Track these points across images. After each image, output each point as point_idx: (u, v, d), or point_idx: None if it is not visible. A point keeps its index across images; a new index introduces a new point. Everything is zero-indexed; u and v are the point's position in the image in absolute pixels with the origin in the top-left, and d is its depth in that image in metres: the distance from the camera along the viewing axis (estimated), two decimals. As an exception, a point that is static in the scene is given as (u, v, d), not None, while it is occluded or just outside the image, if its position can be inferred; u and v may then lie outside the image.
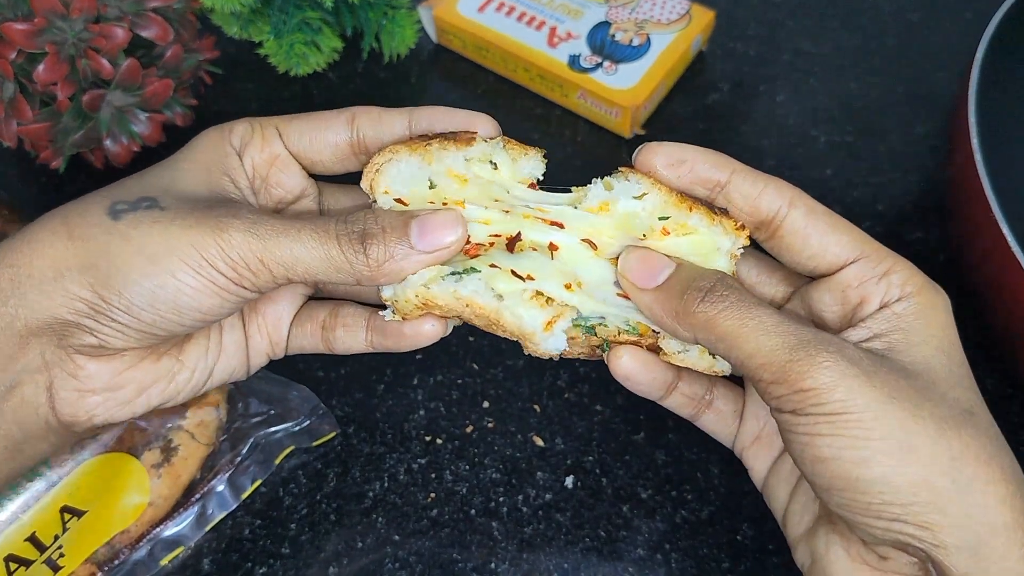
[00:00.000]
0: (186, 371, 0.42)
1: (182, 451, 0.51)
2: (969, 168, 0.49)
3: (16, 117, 0.56)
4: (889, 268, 0.39)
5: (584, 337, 0.41)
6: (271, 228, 0.38)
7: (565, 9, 0.73)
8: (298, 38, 0.70)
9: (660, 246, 0.40)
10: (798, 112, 0.72)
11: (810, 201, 0.40)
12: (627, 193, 0.40)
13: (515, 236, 0.41)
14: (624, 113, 0.68)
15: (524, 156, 0.42)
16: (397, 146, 0.40)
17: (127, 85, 0.57)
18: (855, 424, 0.33)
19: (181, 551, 0.52)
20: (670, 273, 0.39)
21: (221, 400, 0.53)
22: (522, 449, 0.56)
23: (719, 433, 0.46)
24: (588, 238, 0.41)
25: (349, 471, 0.55)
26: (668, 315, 0.38)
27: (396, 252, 0.38)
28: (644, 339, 0.41)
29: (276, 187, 0.43)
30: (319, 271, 0.38)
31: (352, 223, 0.39)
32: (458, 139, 0.40)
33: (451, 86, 0.75)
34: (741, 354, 0.36)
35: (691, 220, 0.40)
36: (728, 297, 0.37)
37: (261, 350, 0.45)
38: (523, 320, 0.39)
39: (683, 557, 0.52)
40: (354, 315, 0.45)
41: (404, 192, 0.41)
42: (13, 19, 0.53)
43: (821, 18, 0.78)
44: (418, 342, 0.42)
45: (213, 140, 0.42)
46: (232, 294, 0.38)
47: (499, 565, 0.52)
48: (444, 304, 0.40)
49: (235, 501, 0.53)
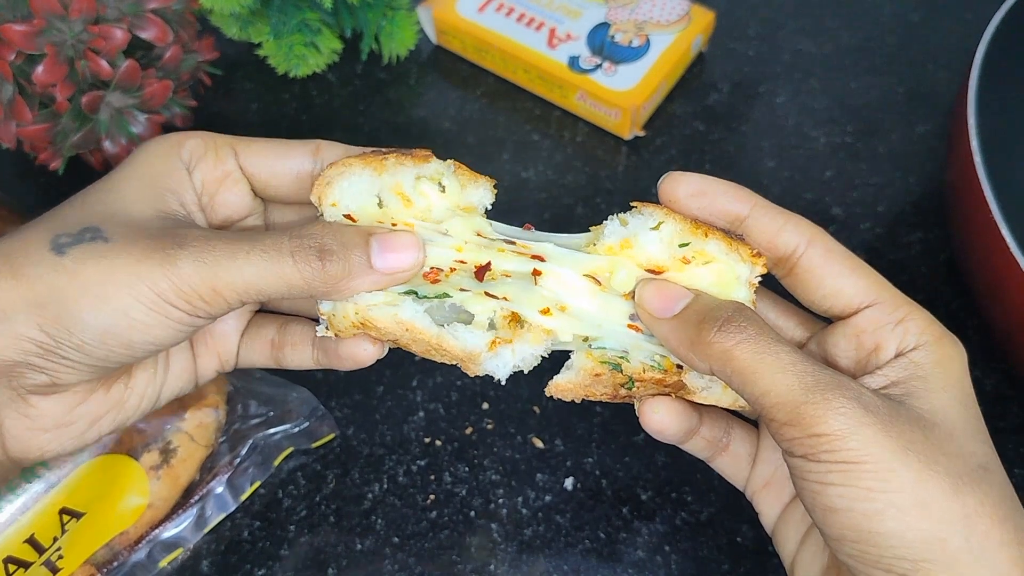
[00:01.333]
0: (135, 397, 0.41)
1: (181, 453, 0.51)
2: (968, 169, 0.49)
3: (15, 118, 0.56)
4: (905, 315, 0.38)
5: (609, 374, 0.40)
6: (219, 253, 0.36)
7: (565, 10, 0.73)
8: (297, 39, 0.70)
9: (679, 278, 0.40)
10: (798, 112, 0.72)
11: (829, 241, 0.40)
12: (643, 226, 0.40)
13: (485, 265, 0.40)
14: (624, 114, 0.68)
15: (473, 183, 0.41)
16: (350, 159, 0.40)
17: (126, 86, 0.57)
18: (869, 475, 0.32)
19: (180, 553, 0.52)
20: (687, 303, 0.38)
21: (220, 402, 0.53)
22: (521, 451, 0.56)
23: (732, 475, 0.45)
24: (591, 274, 0.40)
25: (348, 473, 0.55)
26: (683, 345, 0.37)
27: (355, 269, 0.38)
28: (668, 375, 0.40)
29: (223, 206, 0.42)
30: (272, 291, 0.37)
31: (307, 237, 0.38)
32: (414, 155, 0.40)
33: (450, 87, 0.75)
34: (755, 390, 0.35)
35: (708, 246, 0.39)
36: (746, 329, 0.36)
37: (209, 366, 0.45)
38: (467, 342, 0.39)
39: (683, 559, 0.52)
40: (301, 333, 0.44)
41: (353, 207, 0.40)
42: (12, 20, 0.53)
43: (821, 18, 0.78)
44: (353, 364, 0.42)
45: (160, 152, 0.41)
46: (186, 324, 0.37)
47: (499, 567, 0.52)
48: (382, 327, 0.39)
49: (234, 503, 0.53)
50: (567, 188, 0.68)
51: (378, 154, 0.40)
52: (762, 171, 0.69)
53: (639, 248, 0.40)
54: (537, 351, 0.40)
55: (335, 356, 0.42)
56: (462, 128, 0.72)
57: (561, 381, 0.41)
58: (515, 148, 0.70)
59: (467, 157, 0.70)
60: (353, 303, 0.39)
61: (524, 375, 0.58)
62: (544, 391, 0.57)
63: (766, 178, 0.68)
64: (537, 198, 0.67)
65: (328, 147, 0.42)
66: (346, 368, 0.43)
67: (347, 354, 0.41)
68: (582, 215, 0.66)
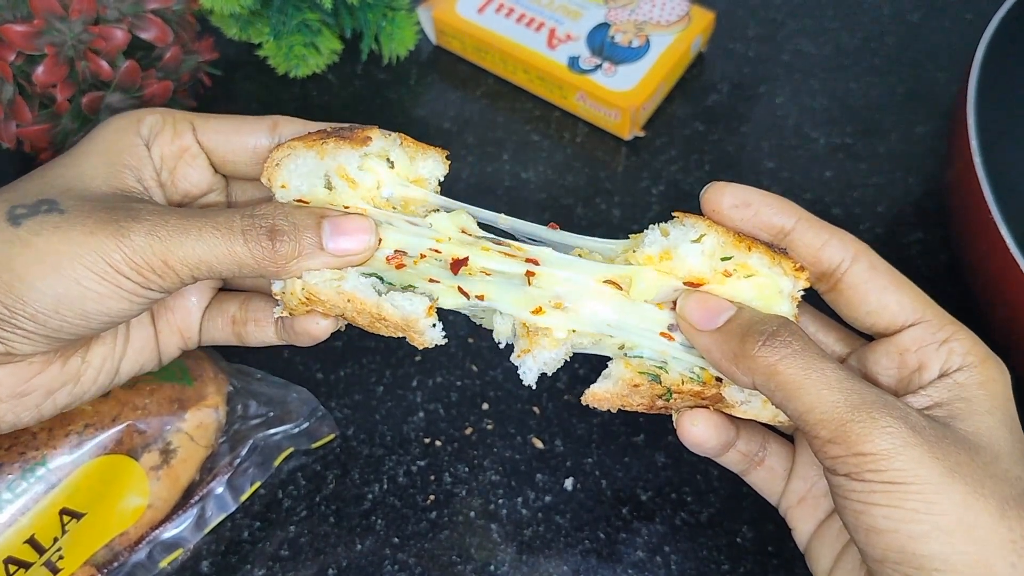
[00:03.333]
0: (92, 370, 0.42)
1: (181, 453, 0.51)
2: (968, 169, 0.49)
3: (15, 119, 0.56)
4: (950, 335, 0.38)
5: (648, 385, 0.40)
6: (173, 227, 0.37)
7: (564, 10, 0.73)
8: (297, 40, 0.70)
9: (720, 291, 0.39)
10: (798, 113, 0.72)
11: (874, 257, 0.39)
12: (685, 238, 0.39)
13: (461, 260, 0.40)
14: (623, 114, 0.68)
15: (422, 156, 0.41)
16: (295, 141, 0.40)
17: (126, 87, 0.57)
18: (915, 496, 0.32)
19: (180, 553, 0.52)
20: (730, 316, 0.38)
21: (220, 402, 0.53)
22: (521, 451, 0.56)
23: (766, 490, 0.45)
24: (612, 279, 0.40)
25: (348, 473, 0.55)
26: (726, 358, 0.37)
27: (305, 250, 0.38)
28: (707, 387, 0.40)
29: (182, 180, 0.42)
30: (223, 268, 0.38)
31: (259, 217, 0.38)
32: (353, 139, 0.40)
33: (450, 87, 0.75)
34: (799, 406, 0.34)
35: (751, 260, 0.39)
36: (792, 344, 0.35)
37: (172, 343, 0.45)
38: (405, 309, 0.39)
39: (683, 559, 0.52)
40: (264, 309, 0.45)
41: (304, 190, 0.40)
42: (12, 21, 0.53)
43: (821, 18, 0.78)
44: (309, 339, 0.42)
45: (119, 128, 0.41)
46: (140, 296, 0.38)
47: (499, 567, 0.52)
48: (327, 300, 0.39)
49: (234, 503, 0.53)
50: (567, 188, 0.68)
51: (320, 136, 0.40)
52: (762, 171, 0.69)
53: (679, 260, 0.39)
54: (559, 355, 0.40)
55: (292, 333, 0.43)
56: (462, 128, 0.72)
57: (598, 390, 0.40)
58: (515, 148, 0.70)
59: (467, 157, 0.70)
60: (301, 280, 0.39)
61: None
62: (543, 392, 0.57)
63: (766, 178, 0.68)
64: (537, 198, 0.67)
65: (286, 123, 0.42)
66: (304, 344, 0.43)
67: (301, 330, 0.42)
68: (582, 215, 0.66)
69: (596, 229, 0.65)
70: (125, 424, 0.48)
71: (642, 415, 0.57)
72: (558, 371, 0.59)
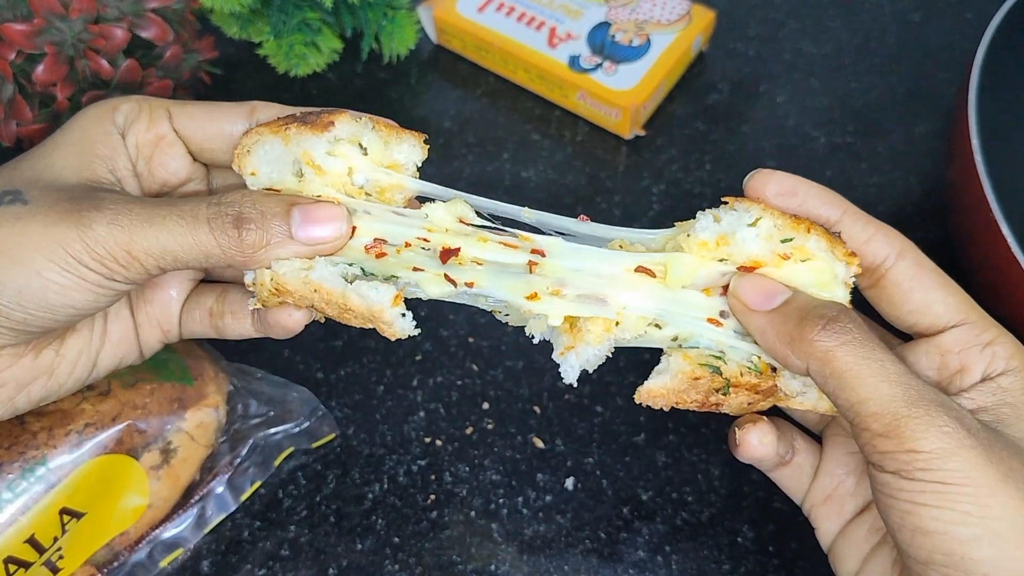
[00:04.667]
0: (67, 364, 0.41)
1: (181, 453, 0.51)
2: (969, 168, 0.49)
3: (15, 118, 0.56)
4: (994, 339, 0.37)
5: (708, 378, 0.39)
6: (136, 216, 0.36)
7: (565, 9, 0.73)
8: (298, 39, 0.70)
9: (775, 274, 0.38)
10: (798, 112, 0.72)
11: (919, 255, 0.39)
12: (740, 222, 0.38)
13: (453, 250, 0.39)
14: (624, 113, 0.68)
15: (397, 140, 0.40)
16: (261, 127, 0.39)
17: (126, 85, 0.57)
18: (968, 499, 0.31)
19: (180, 553, 0.52)
20: (786, 298, 0.37)
21: (220, 402, 0.53)
22: (522, 451, 0.56)
23: (791, 488, 0.45)
24: (644, 267, 0.39)
25: (348, 473, 0.55)
26: (781, 340, 0.36)
27: (273, 239, 0.37)
28: (764, 379, 0.39)
29: (160, 169, 0.41)
30: (189, 258, 0.37)
31: (226, 205, 0.37)
32: (315, 124, 0.38)
33: (450, 86, 0.75)
34: (853, 396, 0.34)
35: (809, 243, 0.38)
36: (851, 331, 0.34)
37: (153, 337, 0.44)
38: (370, 298, 0.38)
39: (683, 559, 0.52)
40: (240, 301, 0.44)
41: (275, 177, 0.39)
42: (12, 20, 0.53)
43: (821, 18, 0.78)
44: (284, 332, 0.41)
45: (93, 117, 0.40)
46: (104, 288, 0.37)
47: (499, 567, 0.52)
48: (294, 290, 0.38)
49: (234, 503, 0.53)
50: (567, 188, 0.68)
51: (285, 121, 0.39)
52: (762, 171, 0.69)
53: (737, 245, 0.38)
54: (601, 351, 0.39)
55: (267, 325, 0.42)
56: (462, 128, 0.72)
57: (654, 386, 0.39)
58: (515, 148, 0.70)
59: (468, 156, 0.70)
60: (270, 271, 0.38)
61: (523, 375, 0.59)
62: (544, 391, 0.57)
63: (766, 178, 0.68)
64: (537, 198, 0.67)
65: (264, 108, 0.41)
66: (280, 337, 0.42)
67: (274, 322, 0.41)
68: (582, 215, 0.66)
69: (596, 228, 0.65)
70: (125, 423, 0.48)
71: (642, 415, 0.57)
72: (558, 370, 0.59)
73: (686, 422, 0.57)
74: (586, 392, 0.58)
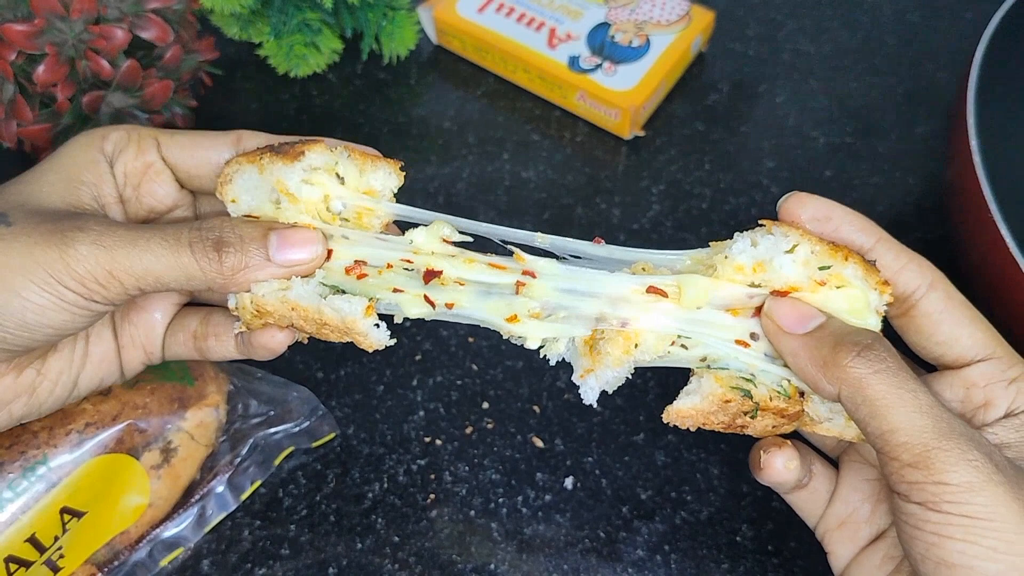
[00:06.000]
0: (47, 383, 0.41)
1: (182, 452, 0.51)
2: (968, 168, 0.49)
3: (16, 118, 0.56)
4: (1020, 375, 0.38)
5: (739, 402, 0.39)
6: (119, 238, 0.37)
7: (565, 10, 0.73)
8: (298, 39, 0.70)
9: (810, 299, 0.38)
10: (798, 112, 0.72)
11: (950, 287, 0.39)
12: (778, 249, 0.38)
13: (435, 272, 0.40)
14: (623, 114, 0.68)
15: (372, 168, 0.41)
16: (241, 157, 0.40)
17: (127, 86, 0.57)
18: (994, 534, 0.31)
19: (180, 552, 0.52)
20: (820, 323, 0.37)
21: (221, 401, 0.53)
22: (522, 450, 0.56)
23: (805, 511, 0.45)
24: (655, 286, 0.39)
25: (348, 472, 0.55)
26: (814, 363, 0.36)
27: (252, 262, 0.38)
28: (792, 403, 0.39)
29: (148, 196, 0.42)
30: (171, 280, 0.38)
31: (207, 230, 0.38)
32: (287, 153, 0.39)
33: (450, 87, 0.75)
34: (884, 425, 0.34)
35: (846, 271, 0.38)
36: (886, 360, 0.35)
37: (135, 358, 0.45)
38: (343, 311, 0.39)
39: (682, 558, 0.52)
40: (224, 324, 0.44)
41: (253, 204, 0.40)
42: (13, 20, 0.53)
43: (821, 18, 0.78)
44: (268, 353, 0.42)
45: (82, 145, 0.41)
46: (83, 308, 0.37)
47: (499, 566, 0.52)
48: (274, 311, 0.39)
49: (235, 502, 0.53)
50: (567, 188, 0.68)
51: (261, 151, 0.40)
52: (762, 171, 0.69)
53: (774, 271, 0.38)
54: (622, 373, 0.39)
55: (251, 348, 0.43)
56: (462, 128, 0.72)
57: (684, 407, 0.39)
58: (515, 148, 0.70)
59: (468, 156, 0.70)
60: (250, 293, 0.39)
61: (523, 375, 0.59)
62: (543, 391, 0.57)
63: (766, 178, 0.68)
64: (537, 198, 0.67)
65: (249, 137, 0.42)
66: (264, 359, 0.43)
67: (259, 344, 0.42)
68: (582, 215, 0.66)
69: (596, 229, 0.65)
70: (126, 423, 0.48)
71: (641, 414, 0.57)
72: (558, 371, 0.59)
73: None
74: (586, 392, 0.58)
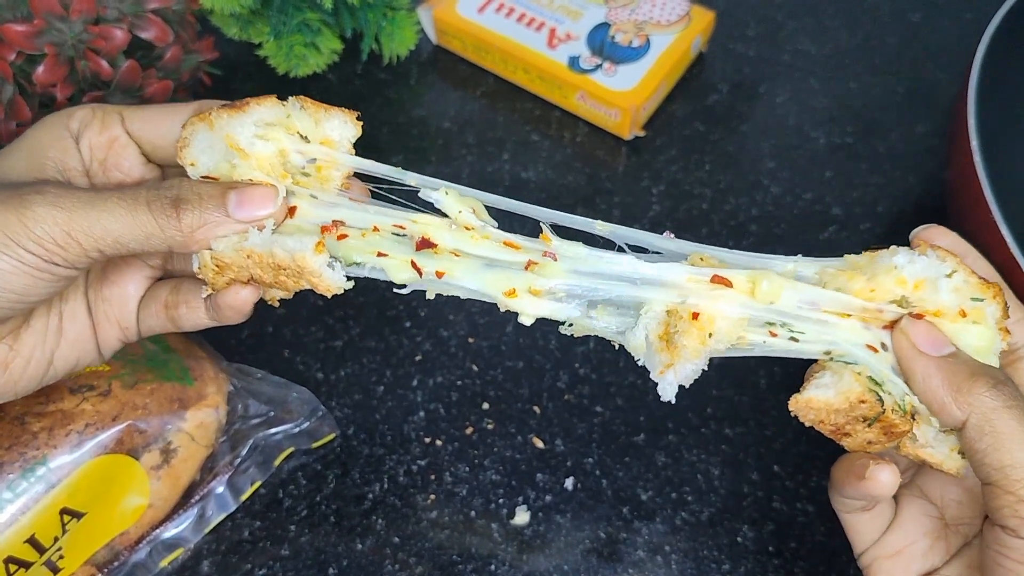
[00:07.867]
0: (21, 360, 0.41)
1: (182, 453, 0.51)
2: (968, 168, 0.49)
3: (15, 118, 0.56)
4: None
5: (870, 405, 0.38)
6: (77, 199, 0.37)
7: (565, 10, 0.73)
8: (297, 39, 0.70)
9: (944, 327, 0.39)
10: (798, 113, 0.72)
11: None
12: (940, 271, 0.38)
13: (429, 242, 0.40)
14: (624, 114, 0.68)
15: (326, 117, 0.40)
16: (194, 118, 0.40)
17: (126, 86, 0.57)
18: None
19: (180, 553, 0.52)
20: (952, 351, 0.38)
21: (221, 402, 0.53)
22: (522, 451, 0.56)
23: (860, 534, 0.44)
24: (720, 276, 0.38)
25: (349, 473, 0.55)
26: (947, 386, 0.37)
27: (210, 219, 0.38)
28: (904, 421, 0.38)
29: (114, 170, 0.43)
30: (130, 240, 0.38)
31: (165, 188, 0.38)
32: (234, 106, 0.39)
33: (450, 87, 0.75)
34: (1006, 459, 0.35)
35: (989, 308, 0.38)
36: (1017, 398, 0.36)
37: (111, 336, 0.45)
38: (290, 246, 0.39)
39: (683, 559, 0.52)
40: (194, 291, 0.44)
41: (210, 165, 0.40)
42: (12, 20, 0.53)
43: (821, 18, 0.78)
44: (236, 313, 0.42)
45: (48, 124, 0.41)
46: (44, 271, 0.37)
47: (499, 567, 0.52)
48: (231, 263, 0.39)
49: (235, 503, 0.53)
50: (567, 188, 0.68)
51: (212, 109, 0.40)
52: (762, 171, 0.69)
53: (933, 292, 0.38)
54: (698, 366, 0.38)
55: (219, 311, 0.43)
56: (462, 128, 0.72)
57: (816, 397, 0.38)
58: (515, 148, 0.70)
59: (467, 157, 0.70)
60: (210, 251, 0.39)
61: (523, 375, 0.59)
62: (543, 391, 0.57)
63: (766, 178, 0.68)
64: (537, 198, 0.67)
65: (211, 106, 0.42)
66: (234, 321, 0.43)
67: (225, 304, 0.42)
68: (582, 215, 0.66)
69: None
70: (125, 424, 0.48)
71: (642, 415, 0.57)
72: (559, 371, 0.59)
73: (686, 422, 0.57)
74: (586, 392, 0.58)
